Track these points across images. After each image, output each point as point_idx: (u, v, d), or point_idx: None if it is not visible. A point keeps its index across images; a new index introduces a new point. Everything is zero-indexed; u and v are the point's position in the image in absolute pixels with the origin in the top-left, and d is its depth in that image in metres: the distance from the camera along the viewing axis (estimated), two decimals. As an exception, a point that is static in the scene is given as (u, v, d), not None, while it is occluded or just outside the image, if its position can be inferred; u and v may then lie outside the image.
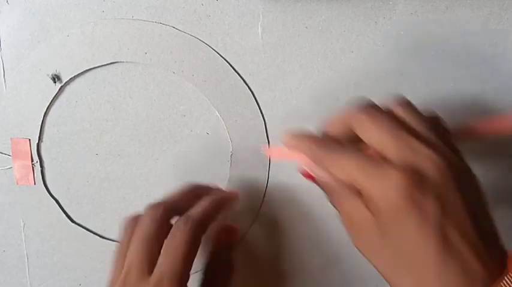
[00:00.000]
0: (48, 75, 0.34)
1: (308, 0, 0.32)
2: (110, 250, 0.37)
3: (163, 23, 0.33)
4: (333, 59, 0.33)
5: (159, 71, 0.34)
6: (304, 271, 0.37)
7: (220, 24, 0.33)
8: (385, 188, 0.23)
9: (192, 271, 0.27)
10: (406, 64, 0.32)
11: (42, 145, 0.36)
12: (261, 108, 0.34)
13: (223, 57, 0.33)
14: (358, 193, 0.24)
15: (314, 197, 0.35)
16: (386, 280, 0.24)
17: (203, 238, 0.29)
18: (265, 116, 0.34)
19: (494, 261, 0.22)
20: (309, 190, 0.35)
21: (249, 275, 0.37)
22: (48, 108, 0.35)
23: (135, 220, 0.29)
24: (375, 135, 0.25)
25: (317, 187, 0.30)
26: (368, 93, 0.33)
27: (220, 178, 0.36)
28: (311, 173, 0.28)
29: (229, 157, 0.35)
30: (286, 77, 0.33)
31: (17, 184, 0.37)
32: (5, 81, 0.35)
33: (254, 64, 0.33)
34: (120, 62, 0.34)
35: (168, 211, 0.29)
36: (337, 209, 0.26)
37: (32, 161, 0.36)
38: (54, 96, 0.35)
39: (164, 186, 0.36)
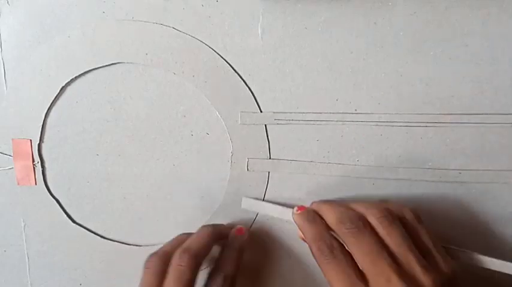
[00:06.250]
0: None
1: (308, 1, 0.32)
2: (110, 250, 0.37)
3: (164, 24, 0.33)
4: (333, 59, 0.33)
5: (160, 72, 0.34)
6: (304, 271, 0.37)
7: (221, 25, 0.33)
8: None
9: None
10: (405, 64, 0.32)
11: (43, 146, 0.36)
12: (261, 108, 0.34)
13: (223, 58, 0.33)
14: None
15: (314, 197, 0.35)
16: None
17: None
18: (265, 116, 0.34)
19: None
20: (309, 190, 0.35)
21: (249, 275, 0.37)
22: (49, 109, 0.35)
23: (164, 261, 0.31)
24: (356, 256, 0.27)
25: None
26: (368, 93, 0.33)
27: (220, 178, 0.36)
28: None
29: (230, 157, 0.35)
30: (286, 77, 0.33)
31: (18, 184, 0.37)
32: (6, 82, 0.35)
33: (254, 65, 0.33)
34: (121, 63, 0.34)
35: (200, 259, 0.31)
36: None
37: (33, 161, 0.36)
38: (55, 97, 0.35)
39: (164, 186, 0.36)
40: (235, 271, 0.33)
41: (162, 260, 0.31)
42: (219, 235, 0.34)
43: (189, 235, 0.34)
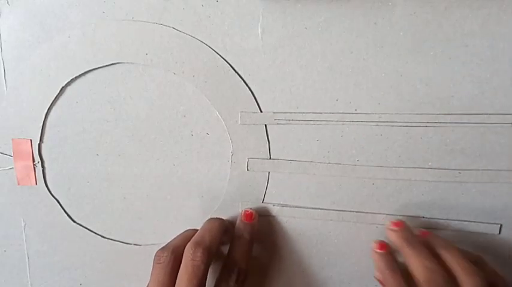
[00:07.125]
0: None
1: (308, 1, 0.32)
2: (110, 249, 0.37)
3: (164, 24, 0.33)
4: (333, 59, 0.33)
5: (160, 72, 0.34)
6: (304, 271, 0.37)
7: (221, 25, 0.33)
8: None
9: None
10: (405, 64, 0.32)
11: (43, 146, 0.36)
12: (261, 108, 0.34)
13: (223, 58, 0.33)
14: None
15: (314, 197, 0.35)
16: None
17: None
18: (265, 116, 0.34)
19: None
20: (309, 190, 0.35)
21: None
22: (49, 109, 0.35)
23: (175, 255, 0.30)
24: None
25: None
26: (368, 93, 0.33)
27: (220, 178, 0.36)
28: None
29: (230, 157, 0.35)
30: (286, 77, 0.33)
31: (18, 184, 0.37)
32: (6, 82, 0.35)
33: (254, 64, 0.33)
34: (121, 63, 0.34)
35: (213, 252, 0.31)
36: None
37: (33, 161, 0.36)
38: (55, 97, 0.35)
39: (164, 186, 0.36)
40: (247, 263, 0.32)
41: (174, 254, 0.30)
42: (227, 226, 0.34)
43: (195, 230, 0.33)
